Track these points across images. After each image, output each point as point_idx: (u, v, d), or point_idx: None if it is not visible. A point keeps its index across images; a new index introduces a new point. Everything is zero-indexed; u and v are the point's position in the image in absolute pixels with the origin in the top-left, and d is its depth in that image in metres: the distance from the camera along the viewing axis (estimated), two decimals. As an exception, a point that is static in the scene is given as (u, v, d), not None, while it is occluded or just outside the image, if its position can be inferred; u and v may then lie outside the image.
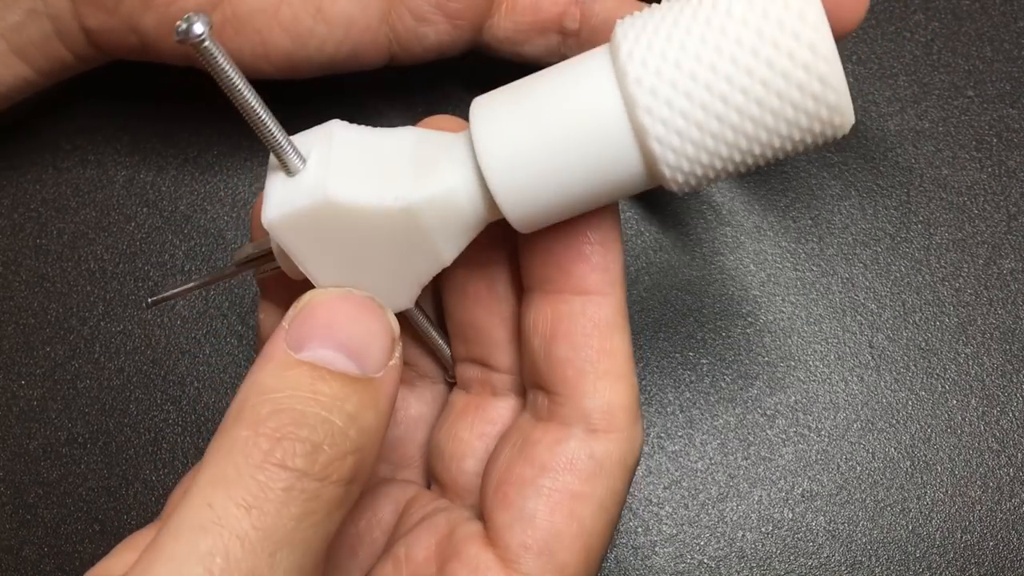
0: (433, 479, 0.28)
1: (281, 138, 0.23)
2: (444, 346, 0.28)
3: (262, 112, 0.22)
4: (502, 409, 0.27)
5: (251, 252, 0.25)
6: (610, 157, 0.22)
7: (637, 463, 0.25)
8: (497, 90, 0.23)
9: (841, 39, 0.22)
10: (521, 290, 0.26)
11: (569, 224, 0.24)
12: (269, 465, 0.20)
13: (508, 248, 0.26)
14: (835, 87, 0.20)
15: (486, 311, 0.26)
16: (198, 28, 0.21)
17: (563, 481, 0.23)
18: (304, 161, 0.23)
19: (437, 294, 0.28)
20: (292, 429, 0.20)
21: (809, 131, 0.21)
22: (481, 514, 0.25)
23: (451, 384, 0.28)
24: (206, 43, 0.21)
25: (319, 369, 0.21)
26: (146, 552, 0.19)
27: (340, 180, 0.22)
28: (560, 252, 0.24)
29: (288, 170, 0.23)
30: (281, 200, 0.22)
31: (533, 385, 0.25)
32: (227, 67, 0.22)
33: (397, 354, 0.23)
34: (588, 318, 0.24)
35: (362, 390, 0.21)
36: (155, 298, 0.27)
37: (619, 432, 0.24)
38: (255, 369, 0.21)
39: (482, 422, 0.27)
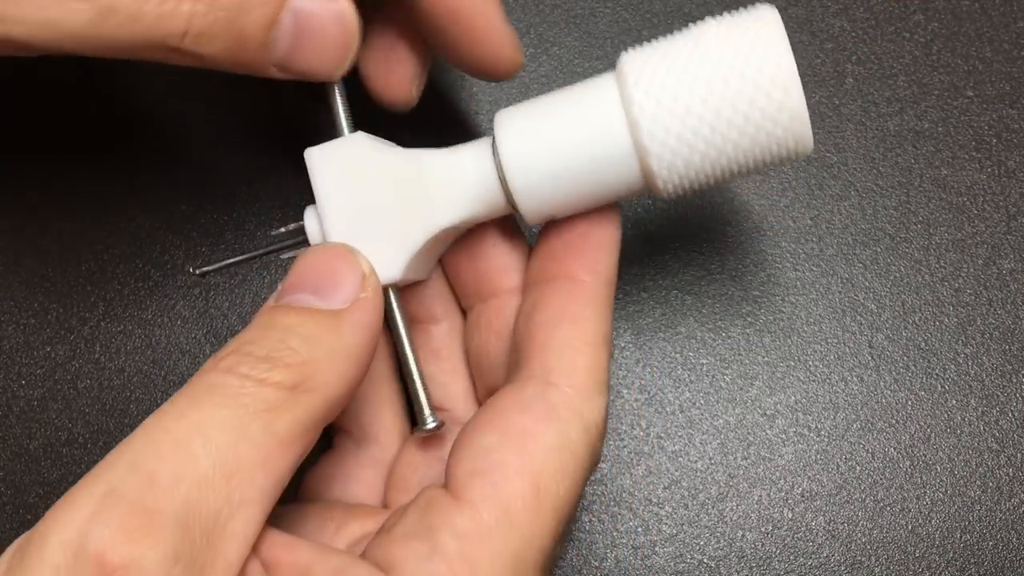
0: None
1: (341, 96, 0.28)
2: (420, 386, 0.28)
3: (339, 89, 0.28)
4: None
5: (286, 229, 0.29)
6: (614, 168, 0.26)
7: (599, 430, 0.25)
8: (517, 104, 0.28)
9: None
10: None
11: (569, 224, 0.27)
12: (217, 372, 0.23)
13: (518, 278, 0.28)
14: (800, 120, 0.25)
15: (498, 340, 0.28)
16: None
17: (515, 420, 0.24)
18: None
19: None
20: (247, 348, 0.23)
21: (776, 154, 0.26)
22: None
23: (417, 428, 0.28)
24: None
25: (284, 307, 0.24)
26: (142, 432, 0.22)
27: (370, 137, 0.28)
28: (559, 248, 0.26)
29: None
30: (321, 144, 0.28)
31: (514, 366, 0.26)
32: None
33: (369, 290, 0.25)
34: (568, 293, 0.26)
35: (321, 319, 0.24)
36: (202, 269, 0.30)
37: (577, 389, 0.25)
38: None
39: None
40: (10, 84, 0.38)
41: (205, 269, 0.30)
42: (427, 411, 0.27)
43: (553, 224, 0.27)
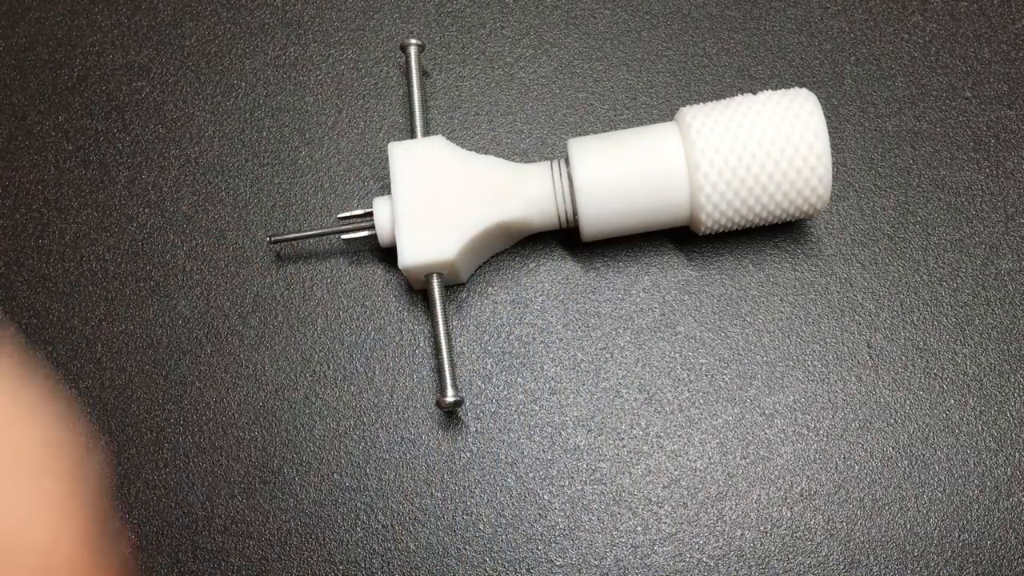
0: None
1: (420, 103, 0.35)
2: (449, 369, 0.32)
3: (418, 94, 0.35)
4: None
5: (353, 214, 0.34)
6: (667, 202, 0.32)
7: None
8: (587, 136, 0.33)
9: None
10: None
11: None
12: None
13: None
14: (824, 198, 0.32)
15: None
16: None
17: None
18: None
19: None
20: None
21: (797, 211, 0.32)
22: None
23: (439, 405, 0.32)
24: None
25: None
26: None
27: (447, 140, 0.33)
28: None
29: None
30: (403, 140, 0.34)
31: None
32: None
33: None
34: None
35: None
36: (275, 238, 0.34)
37: None
38: None
39: None
40: (12, 85, 0.38)
41: (278, 239, 0.34)
42: (450, 387, 0.32)
43: None
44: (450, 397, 0.32)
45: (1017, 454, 0.33)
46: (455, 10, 0.39)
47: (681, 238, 0.35)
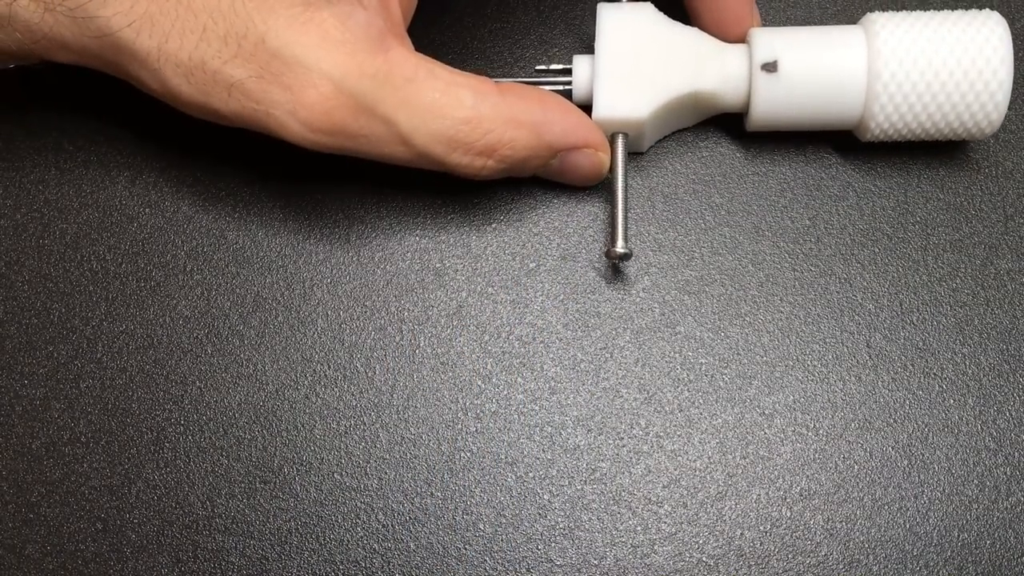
0: None
1: None
2: (622, 219, 0.33)
3: None
4: None
5: (549, 67, 0.36)
6: (841, 101, 0.33)
7: None
8: (772, 28, 0.34)
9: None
10: None
11: None
12: None
13: None
14: (997, 118, 0.33)
15: None
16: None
17: None
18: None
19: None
20: None
21: (962, 132, 0.33)
22: None
23: (608, 255, 0.33)
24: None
25: None
26: None
27: (654, 8, 0.35)
28: None
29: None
30: (614, 2, 0.35)
31: None
32: None
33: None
34: None
35: None
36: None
37: None
38: None
39: None
40: (13, 85, 0.38)
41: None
42: (621, 239, 0.33)
43: None
44: (620, 248, 0.33)
45: (1017, 454, 0.33)
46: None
47: (680, 237, 0.35)
